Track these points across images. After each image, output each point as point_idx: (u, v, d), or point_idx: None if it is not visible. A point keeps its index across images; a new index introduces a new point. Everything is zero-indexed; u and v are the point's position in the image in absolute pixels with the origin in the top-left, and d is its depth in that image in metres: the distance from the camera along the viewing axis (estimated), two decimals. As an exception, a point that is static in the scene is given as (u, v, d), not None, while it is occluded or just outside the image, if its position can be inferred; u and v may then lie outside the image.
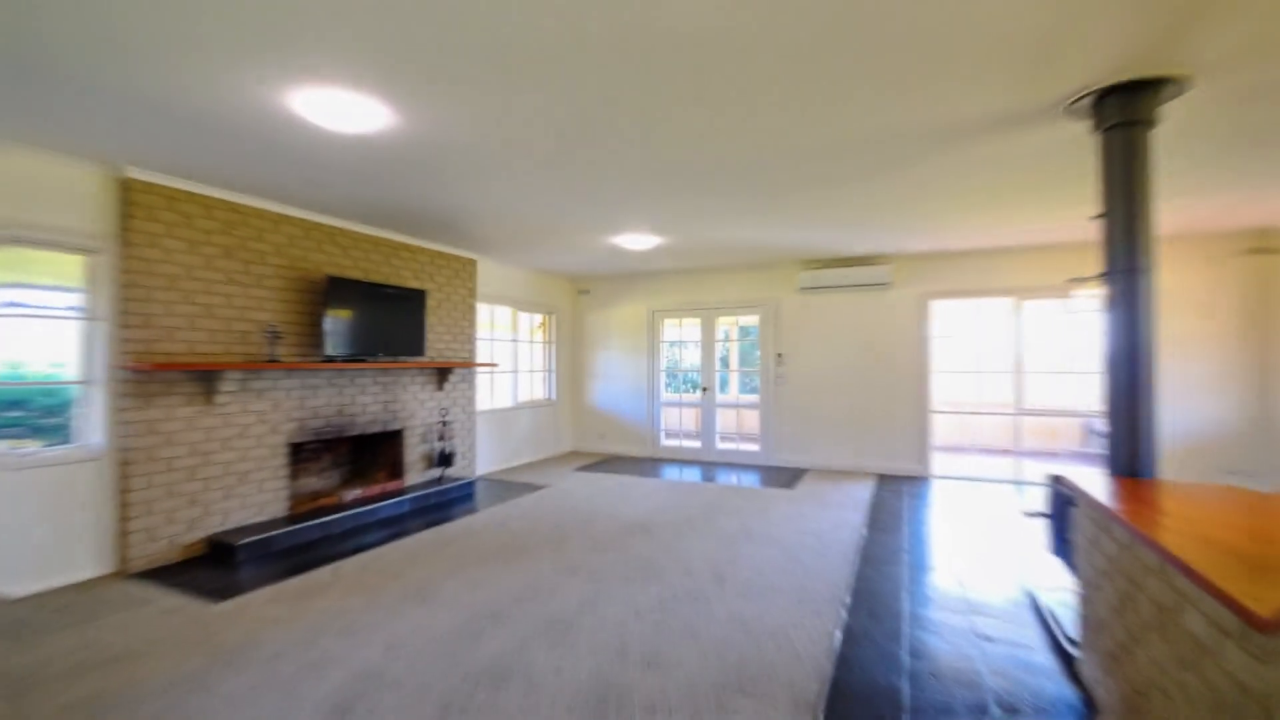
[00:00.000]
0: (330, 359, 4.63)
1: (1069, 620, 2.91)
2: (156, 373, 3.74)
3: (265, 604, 3.28)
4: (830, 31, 2.25)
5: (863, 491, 5.84)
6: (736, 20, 2.18)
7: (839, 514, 5.00)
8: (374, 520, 4.79)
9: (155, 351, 3.75)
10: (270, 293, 4.39)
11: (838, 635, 2.91)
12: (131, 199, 3.66)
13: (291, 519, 4.39)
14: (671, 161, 3.57)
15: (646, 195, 4.26)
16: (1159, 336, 2.71)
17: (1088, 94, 2.74)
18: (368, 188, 4.05)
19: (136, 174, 3.65)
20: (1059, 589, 3.36)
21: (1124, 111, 2.68)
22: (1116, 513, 2.09)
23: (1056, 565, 3.73)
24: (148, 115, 2.91)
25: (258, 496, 4.31)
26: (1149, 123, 2.69)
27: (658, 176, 3.85)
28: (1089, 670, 2.47)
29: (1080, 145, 3.32)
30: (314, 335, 4.66)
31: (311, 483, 5.00)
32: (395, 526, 4.65)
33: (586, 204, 4.48)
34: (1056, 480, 3.03)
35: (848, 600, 3.31)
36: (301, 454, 4.90)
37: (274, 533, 4.11)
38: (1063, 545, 2.90)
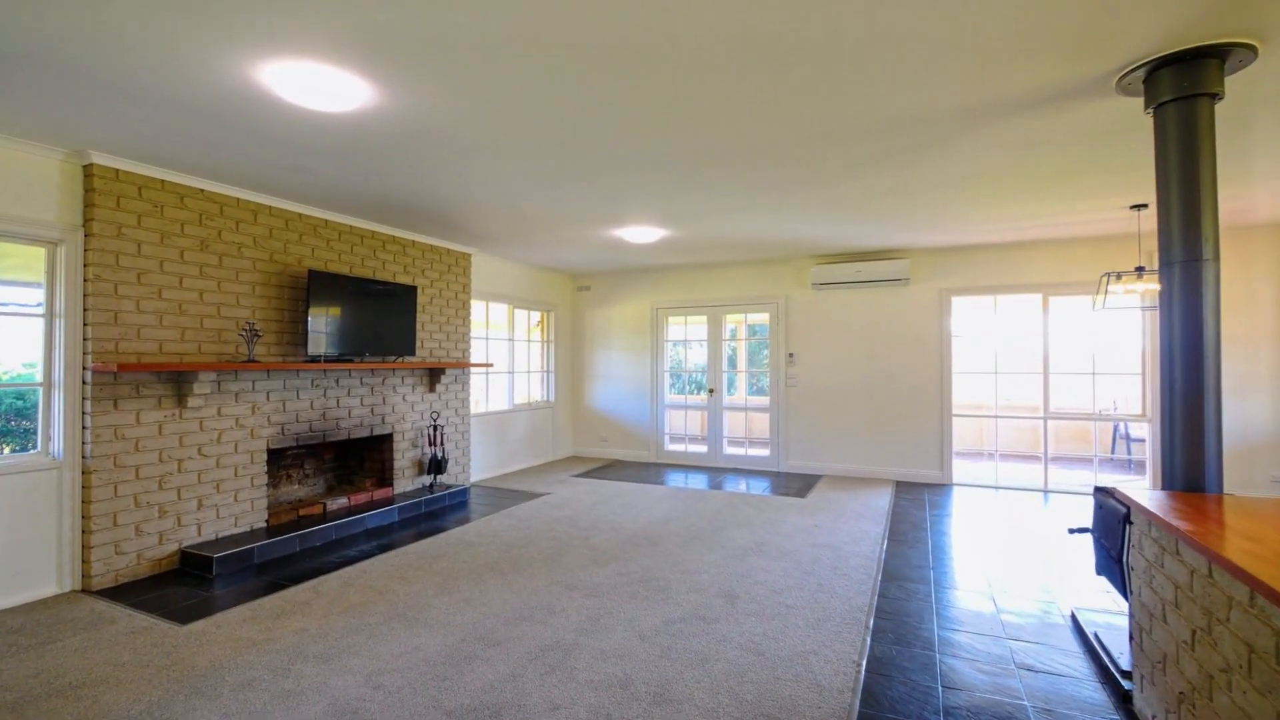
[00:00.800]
0: (313, 359, 4.37)
1: (1118, 647, 2.64)
2: (123, 373, 3.48)
3: (239, 624, 3.01)
4: (852, 5, 1.99)
5: (880, 500, 5.56)
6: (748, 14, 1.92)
7: (856, 525, 4.73)
8: (360, 531, 4.52)
9: (122, 351, 3.49)
10: (248, 288, 4.12)
11: (862, 664, 2.64)
12: (95, 186, 3.40)
13: (271, 530, 4.12)
14: (679, 148, 3.30)
15: (652, 184, 3.99)
16: (1218, 335, 2.44)
17: (1140, 66, 2.47)
18: (352, 175, 3.78)
19: (100, 159, 3.39)
20: (1103, 610, 3.08)
21: (1181, 85, 2.41)
22: (1189, 535, 1.82)
23: (1100, 584, 3.46)
24: (108, 92, 2.64)
25: (235, 506, 4.04)
26: (1210, 96, 2.42)
27: (664, 164, 3.58)
28: (1148, 708, 2.21)
29: (1123, 126, 3.06)
30: (296, 334, 4.40)
31: (294, 490, 4.74)
32: (383, 538, 4.38)
33: (588, 194, 4.22)
34: (1104, 493, 2.75)
35: (870, 623, 3.04)
36: (283, 461, 4.64)
37: (252, 545, 3.85)
38: (1111, 565, 2.62)
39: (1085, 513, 5.13)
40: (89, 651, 2.74)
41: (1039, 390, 6.15)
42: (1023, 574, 3.71)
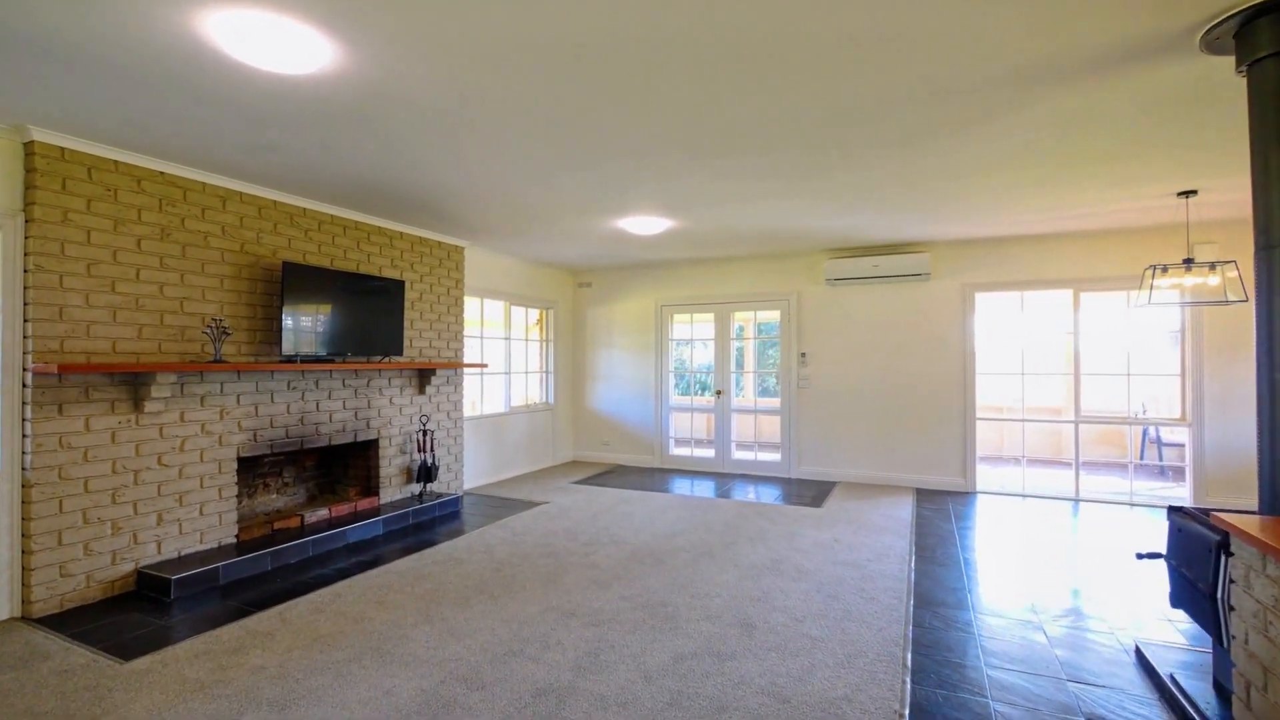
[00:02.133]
0: (289, 359, 4.00)
1: (1201, 694, 2.27)
2: (67, 375, 3.12)
3: (189, 661, 2.65)
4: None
5: (901, 510, 5.18)
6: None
7: (879, 539, 4.35)
8: (340, 546, 4.16)
9: (68, 350, 3.13)
10: (216, 281, 3.76)
11: (905, 714, 2.27)
12: (36, 166, 3.04)
13: (241, 547, 3.76)
14: (686, 127, 2.93)
15: (656, 169, 3.62)
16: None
17: (1232, 16, 2.10)
18: (325, 156, 3.42)
19: (42, 136, 3.03)
20: (1173, 646, 2.70)
21: (1283, 36, 2.04)
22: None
23: (1164, 612, 3.07)
24: (37, 55, 2.28)
25: (200, 521, 3.68)
26: (1321, 48, 2.05)
27: (669, 145, 3.20)
28: (1256, 777, 1.83)
29: (1192, 95, 2.68)
30: (270, 331, 4.03)
31: (271, 501, 4.38)
32: (365, 553, 4.02)
33: (588, 179, 3.84)
34: (1183, 514, 2.38)
35: (908, 659, 2.67)
36: (258, 469, 4.29)
37: (217, 564, 3.48)
38: (1196, 599, 2.25)
39: (1122, 523, 4.74)
40: (10, 696, 2.38)
41: (1063, 391, 5.77)
42: (1069, 597, 3.33)
